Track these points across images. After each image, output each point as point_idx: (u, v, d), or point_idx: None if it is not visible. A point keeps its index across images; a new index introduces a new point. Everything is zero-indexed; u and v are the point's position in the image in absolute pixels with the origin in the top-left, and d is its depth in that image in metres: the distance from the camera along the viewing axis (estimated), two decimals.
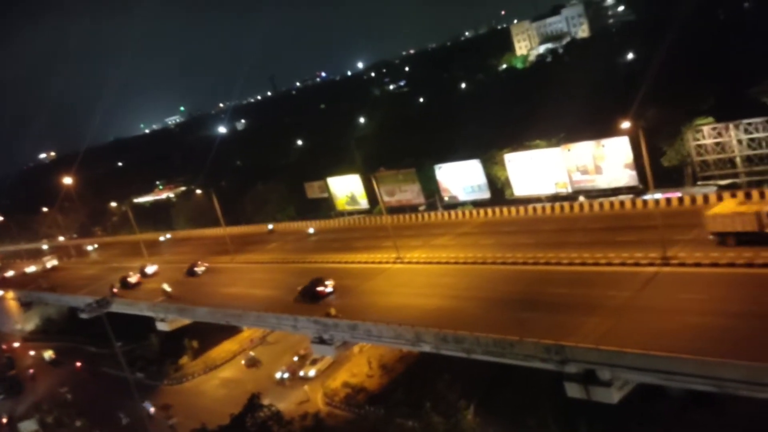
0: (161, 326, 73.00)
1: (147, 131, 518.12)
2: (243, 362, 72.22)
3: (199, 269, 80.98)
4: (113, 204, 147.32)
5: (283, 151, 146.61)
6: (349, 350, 57.32)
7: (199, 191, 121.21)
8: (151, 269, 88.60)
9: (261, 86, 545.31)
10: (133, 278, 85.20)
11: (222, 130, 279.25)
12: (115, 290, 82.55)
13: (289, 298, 60.02)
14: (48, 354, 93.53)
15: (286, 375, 64.61)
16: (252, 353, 72.34)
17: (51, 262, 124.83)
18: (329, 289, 58.14)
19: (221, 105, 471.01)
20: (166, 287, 75.39)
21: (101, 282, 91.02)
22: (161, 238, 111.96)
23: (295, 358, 66.16)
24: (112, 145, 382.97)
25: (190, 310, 67.90)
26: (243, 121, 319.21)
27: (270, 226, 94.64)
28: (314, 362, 63.75)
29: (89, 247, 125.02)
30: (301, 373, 63.61)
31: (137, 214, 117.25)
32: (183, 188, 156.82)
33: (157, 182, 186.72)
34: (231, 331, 75.52)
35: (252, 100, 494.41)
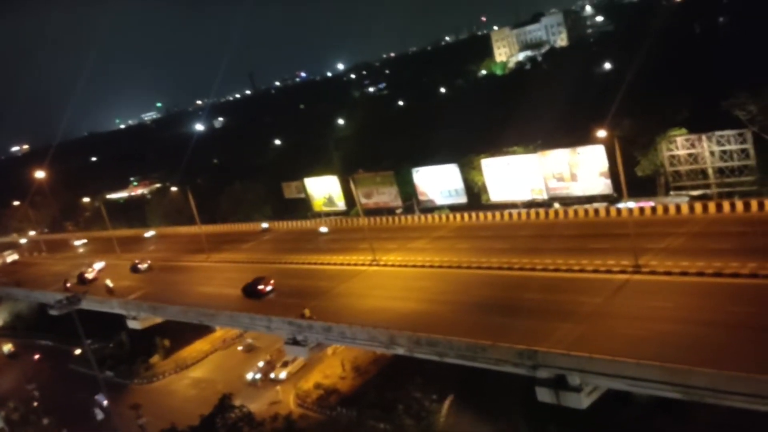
0: (132, 324, 72.14)
1: (122, 126, 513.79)
2: (240, 348, 72.42)
3: (142, 266, 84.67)
4: (86, 199, 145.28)
5: (261, 151, 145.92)
6: (322, 351, 57.20)
7: (174, 188, 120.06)
8: (98, 266, 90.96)
9: (240, 84, 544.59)
10: (90, 274, 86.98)
11: (199, 127, 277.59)
12: (68, 285, 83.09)
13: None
14: (7, 347, 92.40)
15: (258, 376, 64.28)
16: (249, 340, 71.90)
17: (11, 257, 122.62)
18: (269, 288, 61.25)
19: (199, 102, 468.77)
20: (109, 283, 77.54)
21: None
22: (146, 234, 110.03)
23: (261, 364, 65.53)
24: (86, 139, 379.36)
25: (162, 309, 67.25)
26: (221, 118, 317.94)
27: (264, 225, 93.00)
28: (285, 364, 63.49)
29: (77, 242, 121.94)
30: (272, 375, 63.35)
31: (111, 211, 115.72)
32: (158, 185, 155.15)
33: (132, 178, 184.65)
34: (203, 330, 74.93)
35: (231, 98, 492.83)
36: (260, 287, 60.97)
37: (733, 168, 57.83)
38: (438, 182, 76.99)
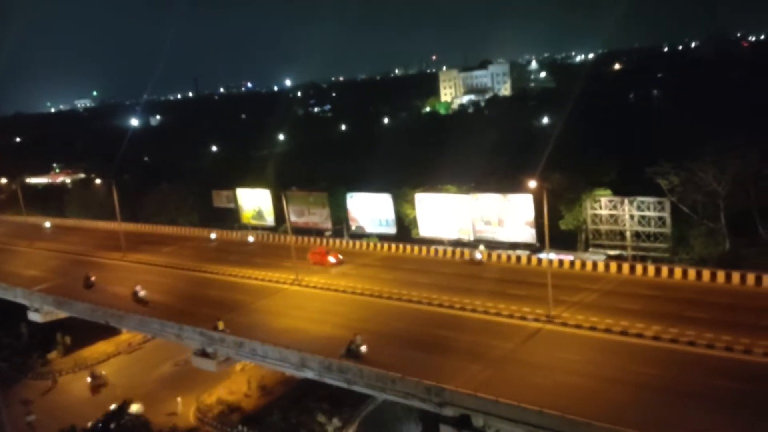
0: (33, 316, 68.72)
1: (53, 110, 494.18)
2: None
3: None
4: (2, 180, 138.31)
5: (196, 155, 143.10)
6: (231, 367, 55.92)
7: (98, 181, 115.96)
8: None
9: (183, 86, 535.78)
10: None
11: (134, 122, 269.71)
12: None
13: (180, 305, 58.42)
14: None
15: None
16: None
17: None
18: None
19: (138, 97, 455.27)
20: None
21: None
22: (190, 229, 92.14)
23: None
24: (12, 118, 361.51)
25: (67, 304, 64.33)
26: (158, 117, 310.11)
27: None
28: None
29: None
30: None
31: (28, 195, 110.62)
32: (82, 175, 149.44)
33: (55, 165, 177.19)
34: (109, 331, 71.91)
35: (171, 98, 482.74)
36: None
37: (649, 234, 60.76)
38: (371, 210, 77.47)
